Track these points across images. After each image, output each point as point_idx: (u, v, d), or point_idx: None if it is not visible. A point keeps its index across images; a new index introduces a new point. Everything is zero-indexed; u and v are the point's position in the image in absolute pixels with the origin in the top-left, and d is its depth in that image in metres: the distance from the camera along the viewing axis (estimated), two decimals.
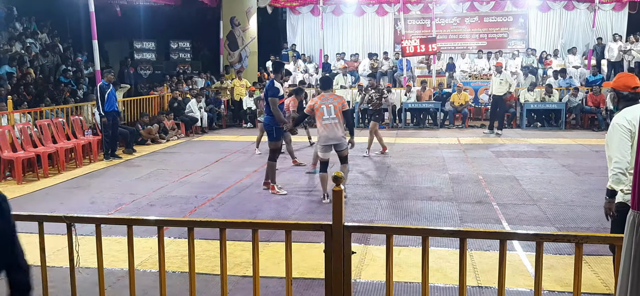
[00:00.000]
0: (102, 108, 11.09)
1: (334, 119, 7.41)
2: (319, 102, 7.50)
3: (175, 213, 7.23)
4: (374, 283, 4.88)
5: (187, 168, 10.29)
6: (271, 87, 7.98)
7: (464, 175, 9.41)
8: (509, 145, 12.64)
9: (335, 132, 7.42)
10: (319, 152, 7.67)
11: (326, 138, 7.43)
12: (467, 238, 2.92)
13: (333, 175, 3.03)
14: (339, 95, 7.95)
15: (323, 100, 7.49)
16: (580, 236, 2.79)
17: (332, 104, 7.43)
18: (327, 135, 7.43)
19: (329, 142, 7.44)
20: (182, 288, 4.67)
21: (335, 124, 7.42)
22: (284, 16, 22.01)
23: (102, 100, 11.06)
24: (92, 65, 14.40)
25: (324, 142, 7.46)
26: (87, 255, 4.23)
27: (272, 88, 7.95)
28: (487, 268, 5.08)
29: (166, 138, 13.92)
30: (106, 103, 11.09)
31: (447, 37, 20.28)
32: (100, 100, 11.07)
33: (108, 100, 11.11)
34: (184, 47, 20.53)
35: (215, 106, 16.92)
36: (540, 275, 2.80)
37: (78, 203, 7.86)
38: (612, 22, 19.22)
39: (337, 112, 7.42)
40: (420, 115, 16.83)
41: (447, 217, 6.96)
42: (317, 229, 3.12)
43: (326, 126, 7.43)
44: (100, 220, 3.45)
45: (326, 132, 7.43)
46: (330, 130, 7.41)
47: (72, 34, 18.64)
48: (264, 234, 5.86)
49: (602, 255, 5.15)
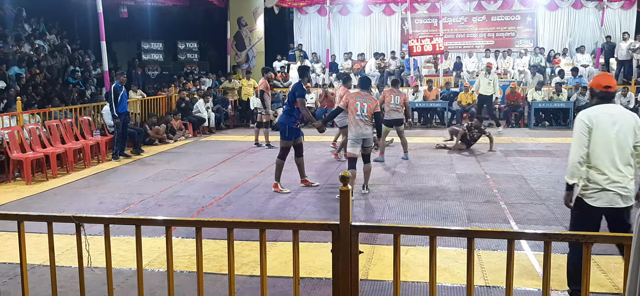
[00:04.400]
0: (115, 109, 11.16)
1: (365, 118, 7.76)
2: (355, 98, 7.86)
3: (183, 213, 7.26)
4: (381, 283, 4.87)
5: (194, 168, 10.32)
6: (299, 88, 8.34)
7: (472, 174, 9.38)
8: (516, 144, 12.59)
9: (364, 129, 7.78)
10: (348, 146, 7.99)
11: (356, 134, 7.79)
12: (474, 237, 2.91)
13: (340, 174, 3.03)
14: (374, 97, 8.22)
15: (358, 98, 7.85)
16: (588, 235, 2.77)
17: (366, 103, 7.77)
18: (356, 131, 7.78)
19: (359, 137, 7.78)
20: (190, 288, 4.69)
21: (365, 122, 7.76)
22: (291, 16, 22.02)
23: (115, 101, 11.13)
24: (101, 66, 14.48)
25: (354, 136, 7.81)
26: (96, 254, 4.24)
27: (300, 89, 8.33)
28: (494, 268, 5.07)
29: (174, 139, 13.97)
30: (119, 104, 11.17)
31: (454, 37, 20.22)
32: (113, 101, 11.14)
33: (120, 102, 11.21)
34: (191, 48, 20.57)
35: (222, 106, 16.95)
36: (548, 275, 2.78)
37: (87, 204, 7.91)
38: (621, 21, 19.08)
39: (369, 111, 7.76)
40: (427, 115, 16.80)
41: (454, 217, 6.95)
42: (325, 229, 3.11)
43: (357, 122, 7.77)
44: (108, 220, 3.47)
45: (356, 128, 7.78)
46: (358, 127, 7.77)
47: (80, 35, 18.72)
48: (271, 234, 5.87)
49: (611, 255, 5.13)
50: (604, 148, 4.05)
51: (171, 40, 20.70)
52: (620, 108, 4.21)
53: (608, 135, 4.04)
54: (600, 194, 4.07)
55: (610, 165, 4.04)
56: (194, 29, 21.43)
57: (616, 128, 4.04)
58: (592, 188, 4.09)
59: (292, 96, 8.32)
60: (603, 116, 4.07)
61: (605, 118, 4.06)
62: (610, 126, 4.04)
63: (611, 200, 4.06)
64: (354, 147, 7.83)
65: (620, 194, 4.05)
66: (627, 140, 4.05)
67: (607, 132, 4.04)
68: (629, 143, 4.06)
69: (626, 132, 4.05)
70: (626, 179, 4.06)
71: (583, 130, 4.08)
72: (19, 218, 3.39)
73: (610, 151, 4.04)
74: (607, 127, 4.05)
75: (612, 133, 4.03)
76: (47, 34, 16.50)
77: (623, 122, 4.06)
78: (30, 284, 4.18)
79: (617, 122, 4.05)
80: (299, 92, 8.28)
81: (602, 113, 4.09)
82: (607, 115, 4.07)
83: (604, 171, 4.05)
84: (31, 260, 5.04)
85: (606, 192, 4.05)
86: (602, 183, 4.06)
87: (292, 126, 8.28)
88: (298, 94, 8.25)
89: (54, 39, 16.65)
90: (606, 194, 4.05)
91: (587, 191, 4.12)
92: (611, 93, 4.18)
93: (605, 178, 4.05)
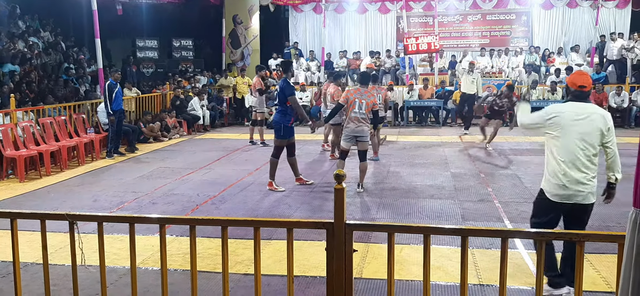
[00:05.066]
0: (110, 106, 11.12)
1: (363, 115, 7.77)
2: (354, 94, 7.82)
3: (177, 211, 7.24)
4: (375, 281, 4.88)
5: (189, 166, 10.30)
6: (288, 86, 8.21)
7: (466, 172, 9.40)
8: (511, 143, 12.63)
9: (361, 127, 7.78)
10: (343, 141, 8.00)
11: (352, 130, 7.81)
12: (468, 236, 2.92)
13: (335, 173, 3.03)
14: (373, 93, 8.11)
15: (357, 94, 7.82)
16: (581, 234, 2.79)
17: (365, 100, 7.77)
18: (353, 127, 7.79)
19: (354, 133, 7.81)
20: (184, 286, 4.68)
21: (363, 120, 7.77)
22: (286, 14, 21.98)
23: (110, 98, 11.10)
24: (95, 64, 14.43)
25: (349, 133, 7.84)
26: (90, 252, 4.23)
27: (289, 87, 8.21)
28: (488, 266, 5.08)
29: (168, 137, 13.94)
30: (113, 102, 11.14)
31: (449, 35, 20.22)
32: (108, 98, 11.10)
33: (115, 99, 11.18)
34: (186, 45, 20.54)
35: (217, 104, 16.93)
36: (541, 273, 2.79)
37: (80, 201, 7.88)
38: (616, 20, 19.13)
39: (367, 108, 7.76)
40: (422, 113, 16.83)
41: (449, 215, 6.96)
42: (319, 227, 3.11)
43: (355, 119, 7.77)
44: (102, 218, 3.45)
45: (353, 125, 7.79)
46: (357, 124, 7.77)
47: (74, 32, 18.66)
48: (265, 232, 5.86)
49: (604, 253, 5.15)
50: (566, 146, 4.16)
51: (166, 37, 20.65)
52: (592, 108, 4.25)
53: (572, 134, 4.15)
54: (559, 189, 4.18)
55: (570, 163, 4.15)
56: (189, 26, 21.38)
57: (582, 128, 4.13)
58: (553, 183, 4.22)
59: (281, 95, 8.21)
60: (571, 114, 4.18)
61: (573, 116, 4.16)
62: (576, 125, 4.14)
63: (570, 197, 4.17)
64: (348, 143, 7.88)
65: (579, 191, 4.14)
66: (591, 140, 4.13)
67: (572, 130, 4.15)
68: (594, 143, 4.14)
69: (592, 132, 4.13)
70: (587, 177, 4.15)
71: (547, 114, 4.26)
72: (12, 216, 3.37)
73: (572, 150, 4.15)
74: (572, 125, 4.15)
75: (577, 131, 4.14)
76: (41, 31, 16.43)
77: (590, 122, 4.14)
78: (23, 282, 4.17)
79: (584, 121, 4.14)
80: (288, 90, 8.14)
81: (571, 110, 4.20)
82: (575, 113, 4.17)
83: (564, 168, 4.16)
84: (24, 258, 5.02)
85: (565, 188, 4.16)
86: (562, 179, 4.16)
87: (287, 125, 8.23)
88: (288, 93, 8.11)
89: (48, 36, 16.59)
90: (565, 190, 4.16)
91: (549, 185, 4.26)
92: (585, 92, 4.29)
93: (564, 175, 4.16)
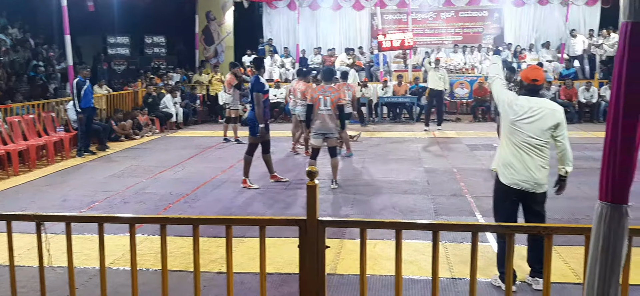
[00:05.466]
0: (78, 104, 10.90)
1: (328, 111, 7.79)
2: (318, 92, 7.89)
3: (149, 210, 7.15)
4: (349, 277, 4.89)
5: (161, 164, 10.19)
6: (257, 82, 8.08)
7: (439, 168, 9.49)
8: (483, 139, 12.78)
9: (327, 123, 7.82)
10: (311, 139, 8.04)
11: (318, 127, 7.85)
12: (439, 230, 2.94)
13: (307, 170, 3.02)
14: (337, 89, 8.07)
15: (321, 92, 7.86)
16: (549, 227, 2.83)
17: (329, 96, 7.78)
18: (319, 124, 7.83)
19: (321, 130, 7.85)
20: (156, 286, 4.61)
21: (328, 116, 7.80)
22: (261, 10, 21.84)
23: (78, 96, 10.88)
24: (65, 61, 14.16)
25: (316, 130, 7.88)
26: (59, 253, 4.15)
27: (258, 84, 8.07)
28: (461, 260, 5.14)
29: (140, 134, 13.75)
30: (82, 99, 10.91)
31: (423, 32, 20.36)
32: (76, 96, 10.88)
33: (84, 97, 10.95)
34: (158, 42, 20.25)
35: (190, 101, 16.76)
36: (510, 266, 2.83)
37: (49, 201, 7.73)
38: (585, 17, 19.51)
39: (332, 104, 7.77)
40: (396, 109, 16.92)
41: (422, 210, 7.01)
42: (292, 224, 3.10)
43: (321, 116, 7.82)
44: (70, 218, 3.39)
45: (319, 121, 7.83)
46: (323, 121, 7.82)
47: (44, 29, 18.27)
48: (240, 230, 5.83)
49: (574, 245, 5.25)
50: (514, 138, 4.30)
51: (138, 34, 20.33)
52: (545, 102, 4.36)
53: (523, 126, 4.27)
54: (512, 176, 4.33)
55: (518, 153, 4.28)
56: (162, 23, 21.09)
57: (532, 121, 4.25)
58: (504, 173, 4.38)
59: (250, 92, 8.17)
60: (524, 108, 4.28)
61: (525, 111, 4.27)
62: (527, 118, 4.26)
63: (518, 184, 4.30)
64: (317, 139, 7.93)
65: (529, 179, 4.27)
66: (542, 135, 4.25)
67: (523, 122, 4.27)
68: (544, 137, 4.25)
69: (542, 126, 4.24)
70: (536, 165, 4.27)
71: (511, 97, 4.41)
72: None
73: (520, 142, 4.28)
74: (524, 118, 4.27)
75: (528, 125, 4.25)
76: (9, 28, 16.06)
77: (541, 116, 4.25)
78: None
79: (535, 115, 4.25)
80: (256, 86, 8.01)
81: (524, 105, 4.30)
82: (528, 108, 4.27)
83: (512, 159, 4.31)
84: None
85: (513, 176, 4.31)
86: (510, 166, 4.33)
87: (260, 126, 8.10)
88: (255, 89, 8.00)
89: (17, 33, 16.23)
90: (513, 176, 4.31)
91: (501, 168, 4.42)
92: (538, 86, 4.41)
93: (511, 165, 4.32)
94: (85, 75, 11.18)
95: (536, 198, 4.35)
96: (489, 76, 4.75)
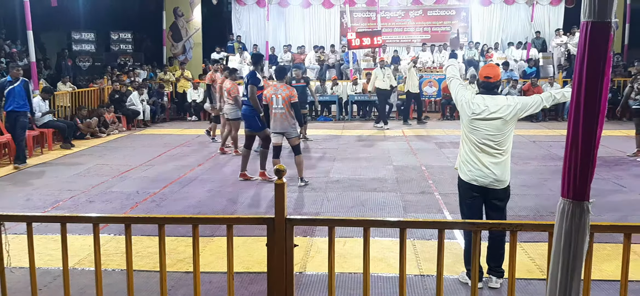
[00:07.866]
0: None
1: (282, 109, 7.78)
2: (271, 91, 7.88)
3: (115, 210, 7.02)
4: (318, 275, 4.89)
5: (128, 162, 10.01)
6: (253, 76, 8.36)
7: (408, 166, 9.56)
8: (451, 136, 12.93)
9: (282, 122, 7.83)
10: (271, 136, 8.10)
11: (274, 127, 7.90)
12: (407, 228, 2.96)
13: (275, 168, 3.00)
14: (289, 86, 8.13)
15: (273, 90, 7.86)
16: (514, 224, 2.87)
17: (281, 95, 7.77)
18: (274, 123, 7.88)
19: (277, 130, 7.90)
20: (122, 287, 4.53)
21: (282, 114, 7.79)
22: (229, 7, 21.67)
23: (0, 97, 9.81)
24: (28, 57, 13.78)
25: (272, 129, 7.96)
26: (22, 254, 4.04)
27: (254, 78, 8.34)
28: (429, 257, 5.19)
29: (106, 132, 13.49)
30: (7, 101, 9.67)
31: (392, 30, 20.52)
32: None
33: (9, 98, 9.65)
34: (125, 38, 19.87)
35: (158, 98, 16.51)
36: (476, 262, 2.87)
37: (12, 201, 7.52)
38: (549, 17, 19.97)
39: (284, 102, 7.75)
40: (366, 108, 16.99)
41: (391, 207, 7.06)
42: (260, 223, 3.08)
43: (274, 115, 7.85)
44: (31, 218, 3.30)
45: (275, 121, 7.87)
46: (277, 119, 7.85)
47: (5, 24, 17.76)
48: (209, 229, 5.78)
49: (539, 242, 5.35)
50: (472, 136, 4.38)
51: (104, 30, 19.94)
52: (499, 99, 4.41)
53: (479, 124, 4.34)
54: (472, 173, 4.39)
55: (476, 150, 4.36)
56: (128, 18, 20.74)
57: (489, 119, 4.32)
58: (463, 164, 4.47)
59: (246, 85, 8.36)
60: (480, 107, 4.35)
61: (482, 109, 4.34)
62: (484, 116, 4.33)
63: (477, 180, 4.37)
64: (276, 137, 7.99)
65: (489, 175, 4.34)
66: (497, 131, 4.31)
67: (480, 121, 4.34)
68: (499, 134, 4.32)
69: (498, 123, 4.31)
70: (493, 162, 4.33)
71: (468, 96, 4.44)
72: None
73: (477, 140, 4.35)
74: (480, 117, 4.34)
75: (483, 121, 4.33)
76: None
77: (497, 113, 4.31)
78: None
79: (489, 112, 4.32)
80: (253, 80, 8.28)
81: (480, 103, 4.37)
82: (484, 106, 4.34)
83: (471, 156, 4.39)
84: None
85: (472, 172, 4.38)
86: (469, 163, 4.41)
87: (259, 116, 8.37)
88: (251, 82, 8.24)
89: None
90: (471, 173, 4.39)
91: (461, 165, 4.50)
92: (492, 83, 4.47)
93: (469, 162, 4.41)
94: (15, 74, 9.84)
95: (497, 194, 4.41)
96: (447, 76, 4.80)
